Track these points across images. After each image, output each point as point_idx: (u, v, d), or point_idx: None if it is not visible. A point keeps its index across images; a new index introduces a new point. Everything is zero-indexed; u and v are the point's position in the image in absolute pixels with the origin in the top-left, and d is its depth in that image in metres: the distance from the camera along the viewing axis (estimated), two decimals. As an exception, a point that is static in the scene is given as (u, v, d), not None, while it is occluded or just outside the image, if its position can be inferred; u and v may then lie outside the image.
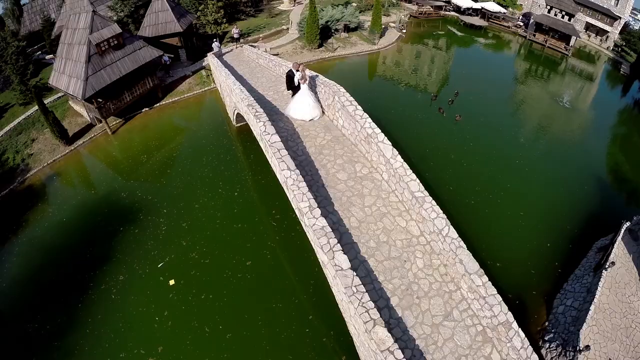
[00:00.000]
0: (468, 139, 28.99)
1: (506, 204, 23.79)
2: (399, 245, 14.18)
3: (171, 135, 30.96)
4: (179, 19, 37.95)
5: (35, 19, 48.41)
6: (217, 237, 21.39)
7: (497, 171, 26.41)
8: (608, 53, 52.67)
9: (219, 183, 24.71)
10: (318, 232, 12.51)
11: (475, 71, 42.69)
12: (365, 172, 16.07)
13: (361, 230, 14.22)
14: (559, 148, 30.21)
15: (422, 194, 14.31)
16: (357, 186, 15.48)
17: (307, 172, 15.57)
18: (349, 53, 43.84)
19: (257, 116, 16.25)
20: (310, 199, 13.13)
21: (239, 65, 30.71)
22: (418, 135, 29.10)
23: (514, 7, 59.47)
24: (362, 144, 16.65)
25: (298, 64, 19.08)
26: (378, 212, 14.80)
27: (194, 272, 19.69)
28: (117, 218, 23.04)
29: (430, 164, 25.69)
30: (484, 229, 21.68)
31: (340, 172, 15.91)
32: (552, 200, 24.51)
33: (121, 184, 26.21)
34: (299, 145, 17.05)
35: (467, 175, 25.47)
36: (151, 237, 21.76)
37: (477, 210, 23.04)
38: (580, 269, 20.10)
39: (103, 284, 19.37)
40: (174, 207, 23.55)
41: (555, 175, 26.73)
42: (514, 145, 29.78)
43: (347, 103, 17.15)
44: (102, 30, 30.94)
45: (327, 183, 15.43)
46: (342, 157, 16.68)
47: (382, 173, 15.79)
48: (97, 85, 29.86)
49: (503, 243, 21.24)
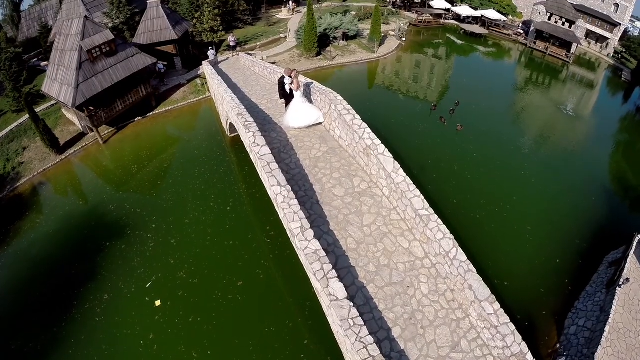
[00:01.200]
0: (471, 149, 27.53)
1: (513, 218, 22.34)
2: (401, 268, 12.65)
3: (163, 146, 29.53)
4: (175, 26, 36.71)
5: (33, 25, 47.91)
6: (207, 255, 19.84)
7: (502, 183, 24.98)
8: (608, 60, 51.78)
9: (211, 196, 23.17)
10: (311, 256, 10.99)
11: (476, 80, 41.46)
12: (364, 187, 14.54)
13: (359, 253, 12.69)
14: (563, 157, 28.95)
15: (427, 212, 12.78)
16: (355, 203, 13.93)
17: (300, 187, 14.05)
18: (347, 61, 42.56)
19: (247, 126, 14.78)
20: (303, 219, 11.62)
21: (234, 74, 29.38)
22: (419, 146, 27.66)
23: (514, 14, 58.33)
24: (360, 156, 15.13)
25: (290, 70, 17.54)
26: (378, 232, 13.26)
27: (181, 293, 18.15)
28: (104, 232, 21.74)
29: (432, 175, 24.19)
30: (490, 245, 20.21)
31: (337, 187, 14.37)
32: (559, 212, 23.10)
33: (110, 196, 24.97)
34: (292, 157, 15.53)
35: (471, 188, 23.97)
36: (138, 254, 20.33)
37: (482, 225, 21.56)
38: (591, 285, 18.78)
39: (87, 303, 18.02)
40: (163, 221, 22.10)
41: (561, 186, 25.39)
42: (519, 155, 28.38)
43: (344, 112, 15.67)
44: (94, 37, 29.77)
45: (322, 199, 13.90)
46: (339, 170, 15.14)
47: (383, 188, 14.24)
48: (88, 93, 28.69)
49: (511, 260, 19.79)
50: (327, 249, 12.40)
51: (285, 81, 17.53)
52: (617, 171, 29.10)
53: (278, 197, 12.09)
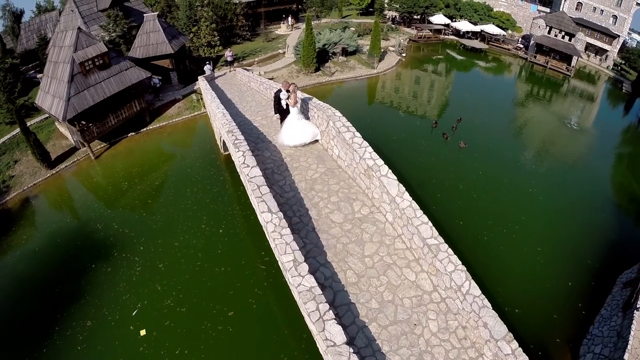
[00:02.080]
0: (476, 167, 26.10)
1: (522, 239, 20.84)
2: (407, 304, 11.13)
3: (155, 163, 28.12)
4: (171, 40, 35.65)
5: (32, 37, 47.43)
6: (196, 281, 18.21)
7: (509, 202, 23.48)
8: (608, 72, 51.04)
9: (202, 218, 21.60)
10: (304, 294, 9.49)
11: (478, 96, 40.27)
12: (366, 212, 13.04)
13: (360, 287, 11.17)
14: (570, 172, 27.63)
15: (436, 240, 11.31)
16: (356, 230, 12.43)
17: (294, 213, 12.57)
18: (347, 77, 41.41)
19: (237, 145, 13.36)
20: (296, 251, 10.14)
21: (230, 89, 28.16)
22: (422, 164, 26.22)
23: (514, 29, 57.49)
24: (361, 177, 13.65)
25: (288, 84, 16.11)
26: (381, 263, 11.74)
27: (168, 323, 16.52)
28: (90, 252, 20.31)
29: (437, 195, 22.66)
30: (499, 269, 18.66)
31: (335, 213, 12.86)
32: (568, 230, 21.65)
33: (98, 214, 23.53)
34: (286, 179, 14.05)
35: (477, 208, 22.47)
36: (124, 278, 18.78)
37: (490, 247, 20.04)
38: (606, 308, 17.29)
39: (69, 329, 16.54)
40: (151, 243, 20.59)
41: (569, 203, 23.97)
42: (525, 172, 27.00)
43: (343, 129, 14.25)
44: (87, 49, 28.69)
45: (319, 226, 12.40)
46: (337, 193, 13.65)
47: (386, 214, 12.75)
48: (80, 107, 27.51)
49: (521, 284, 18.26)
50: (324, 284, 10.92)
51: (281, 95, 16.14)
52: (626, 185, 27.75)
53: (268, 225, 10.62)
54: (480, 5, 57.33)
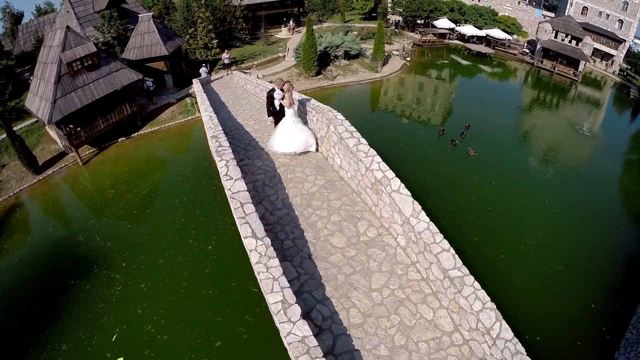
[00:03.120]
0: (489, 177, 23.80)
1: (541, 256, 18.58)
2: (423, 349, 8.83)
3: (144, 170, 25.90)
4: (166, 41, 33.55)
5: (29, 39, 46.01)
6: (180, 305, 15.93)
7: (525, 215, 21.19)
8: (615, 78, 48.82)
9: (191, 232, 19.30)
10: (296, 347, 7.21)
11: (485, 102, 37.97)
12: (373, 234, 10.67)
13: (366, 330, 8.86)
14: (586, 181, 25.41)
15: (460, 272, 9.01)
16: (361, 257, 10.05)
17: (287, 235, 10.26)
18: (349, 81, 39.21)
19: (220, 152, 11.09)
20: (285, 289, 7.84)
21: (225, 92, 25.98)
22: (431, 174, 23.90)
23: (519, 33, 55.27)
24: (367, 192, 11.33)
25: (282, 82, 13.78)
26: (392, 299, 9.39)
27: (148, 352, 14.29)
28: (70, 267, 18.35)
29: (448, 208, 20.26)
30: (518, 292, 16.40)
31: (336, 235, 10.50)
32: (589, 246, 19.47)
33: (81, 225, 21.52)
34: (279, 192, 11.71)
35: (492, 222, 20.18)
36: (103, 298, 16.65)
37: (507, 267, 17.77)
38: (631, 331, 15.49)
39: (44, 352, 14.66)
40: (134, 259, 18.41)
41: (587, 215, 21.81)
42: (539, 182, 24.74)
43: (346, 135, 11.94)
44: (75, 49, 26.68)
45: (316, 252, 10.07)
46: (339, 211, 11.27)
47: (398, 236, 10.40)
48: (66, 110, 25.53)
49: (542, 309, 16.04)
50: (322, 326, 8.63)
51: (275, 95, 13.83)
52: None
53: (252, 254, 8.34)
54: (485, 9, 55.19)
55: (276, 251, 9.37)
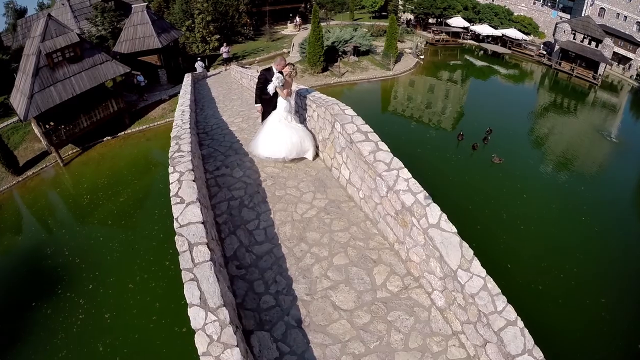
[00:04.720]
0: (518, 188, 20.13)
1: (582, 286, 15.23)
2: None
3: (125, 175, 22.58)
4: (160, 34, 30.18)
5: (28, 33, 43.36)
6: (148, 345, 12.53)
7: (562, 236, 17.60)
8: (632, 82, 45.16)
9: (169, 251, 15.62)
10: None
11: (503, 104, 34.65)
12: (396, 287, 6.59)
13: None
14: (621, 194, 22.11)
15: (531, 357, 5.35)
16: (378, 326, 6.02)
17: (267, 286, 6.55)
18: (359, 79, 35.61)
19: (175, 160, 7.51)
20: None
21: (218, 87, 22.45)
22: (454, 185, 20.19)
23: (536, 34, 51.39)
24: (388, 221, 7.26)
25: (285, 62, 9.59)
26: (428, 401, 5.75)
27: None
28: (33, 285, 15.57)
29: (476, 227, 16.52)
30: (560, 331, 12.83)
31: (341, 289, 6.47)
32: (633, 272, 16.02)
33: (50, 235, 18.99)
34: (261, 218, 7.92)
35: (526, 244, 16.57)
36: (64, 327, 13.61)
37: (546, 301, 14.31)
38: None
39: None
40: (101, 281, 15.25)
41: (630, 234, 18.46)
42: (574, 195, 21.14)
43: (357, 137, 8.01)
44: (56, 38, 23.47)
45: (310, 316, 6.12)
46: (345, 249, 7.12)
47: (433, 292, 6.41)
48: (44, 105, 22.42)
49: (586, 351, 12.90)
50: None
51: (272, 78, 9.49)
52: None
53: (198, 337, 4.75)
54: (500, 8, 51.44)
55: (248, 312, 5.81)
